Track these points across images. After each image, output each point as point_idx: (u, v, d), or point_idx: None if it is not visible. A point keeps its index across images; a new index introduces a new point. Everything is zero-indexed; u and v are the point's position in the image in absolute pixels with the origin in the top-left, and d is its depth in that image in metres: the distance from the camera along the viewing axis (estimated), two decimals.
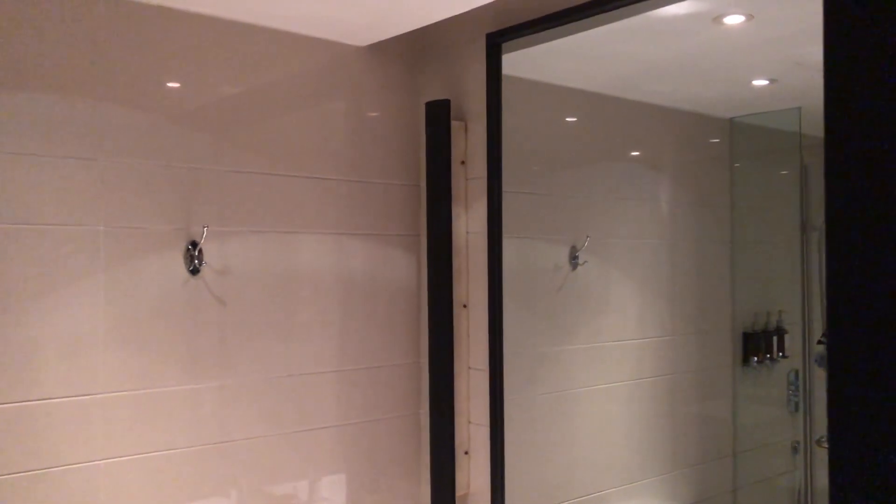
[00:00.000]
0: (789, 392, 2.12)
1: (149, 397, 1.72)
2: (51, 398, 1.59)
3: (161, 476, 1.73)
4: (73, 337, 1.62)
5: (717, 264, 2.25)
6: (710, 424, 2.13)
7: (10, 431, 1.54)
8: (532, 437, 1.99)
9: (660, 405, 2.21)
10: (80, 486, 1.62)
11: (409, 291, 2.17)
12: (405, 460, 2.16)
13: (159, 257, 1.73)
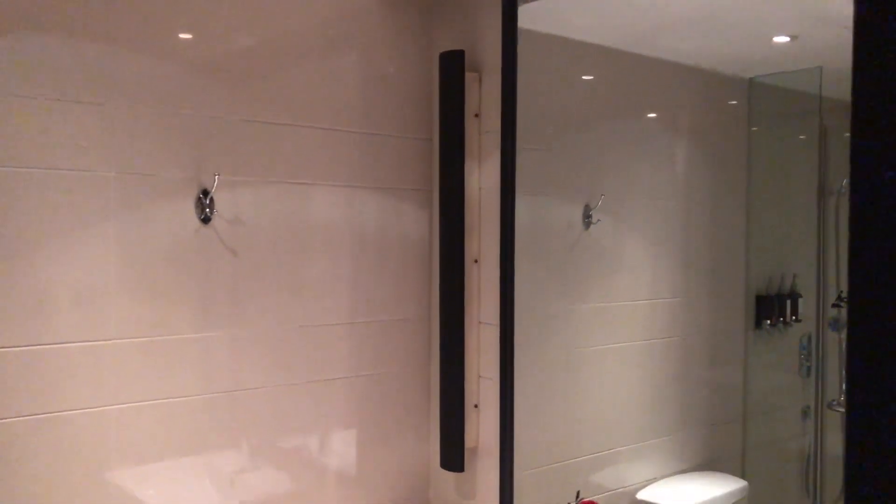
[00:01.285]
0: (801, 357, 2.10)
1: (160, 345, 1.73)
2: (62, 343, 1.60)
3: (172, 423, 1.75)
4: (84, 282, 1.62)
5: (732, 226, 2.22)
6: (720, 387, 2.12)
7: (22, 375, 1.55)
8: (542, 394, 1.99)
9: (671, 366, 2.20)
10: (91, 431, 1.64)
11: (421, 246, 2.17)
12: (415, 413, 2.16)
13: (170, 205, 1.73)
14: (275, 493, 1.92)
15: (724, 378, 2.17)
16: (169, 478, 1.76)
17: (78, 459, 1.63)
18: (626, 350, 2.11)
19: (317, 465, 1.99)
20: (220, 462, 1.83)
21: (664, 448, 2.13)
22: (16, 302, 1.54)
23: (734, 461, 2.19)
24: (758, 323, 2.12)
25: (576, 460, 2.03)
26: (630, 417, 2.10)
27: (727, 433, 2.16)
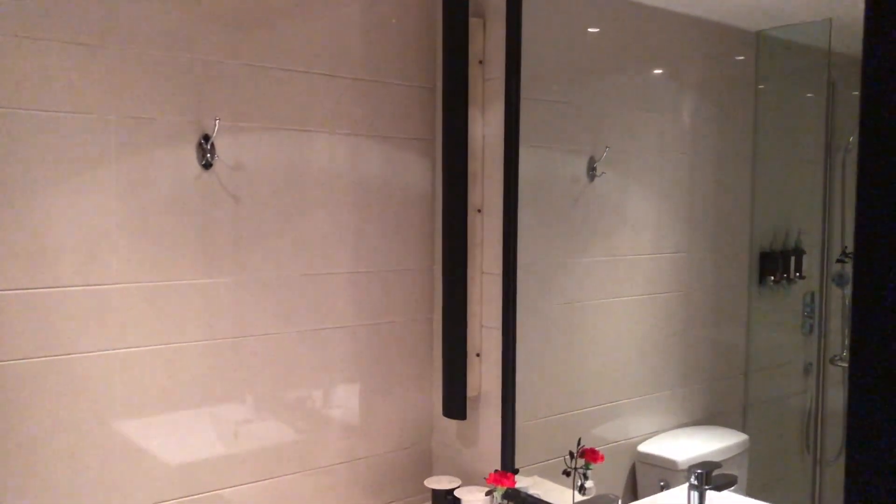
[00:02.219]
0: (804, 314, 2.09)
1: (163, 290, 1.73)
2: (65, 286, 1.60)
3: (176, 368, 1.76)
4: (86, 226, 1.62)
5: (738, 181, 2.20)
6: (722, 342, 2.11)
7: (25, 317, 1.56)
8: (544, 345, 1.99)
9: (673, 321, 2.20)
10: (95, 374, 1.65)
11: (424, 196, 2.16)
12: (417, 362, 2.17)
13: (171, 150, 1.72)
14: (278, 442, 1.94)
15: (726, 334, 2.17)
16: (173, 425, 1.77)
17: (83, 403, 1.64)
18: (628, 304, 2.10)
19: (320, 414, 2.00)
20: (224, 412, 1.84)
21: (665, 402, 2.13)
22: (17, 245, 1.54)
23: (735, 416, 2.20)
24: (761, 279, 2.11)
25: (577, 412, 2.03)
26: (631, 371, 2.10)
27: (729, 388, 2.16)
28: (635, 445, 2.01)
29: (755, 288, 2.14)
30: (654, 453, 2.00)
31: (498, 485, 1.81)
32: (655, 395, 2.12)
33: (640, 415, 2.08)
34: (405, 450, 2.17)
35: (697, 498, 1.66)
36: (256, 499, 1.90)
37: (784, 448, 1.90)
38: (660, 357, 2.03)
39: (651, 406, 2.11)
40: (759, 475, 1.63)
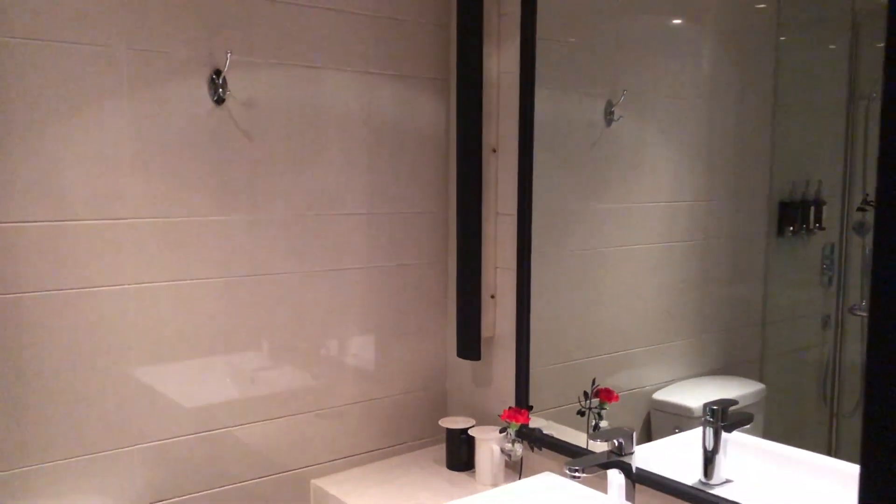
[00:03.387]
0: (823, 266, 2.06)
1: (177, 225, 1.72)
2: (78, 220, 1.60)
3: (190, 304, 1.76)
4: (99, 159, 1.62)
5: (758, 129, 2.15)
6: (739, 293, 2.09)
7: (39, 250, 1.56)
8: (558, 291, 1.97)
9: (690, 270, 2.17)
10: (109, 308, 1.65)
11: (438, 136, 2.14)
12: (432, 304, 2.17)
13: (183, 83, 1.70)
14: (293, 385, 1.94)
15: (743, 284, 2.14)
16: (188, 366, 1.78)
17: (98, 338, 1.65)
18: (644, 252, 2.08)
19: (334, 356, 2.00)
20: (241, 357, 1.85)
21: (681, 351, 2.12)
22: (29, 177, 1.54)
23: (751, 367, 2.18)
24: (780, 230, 2.07)
25: (590, 359, 2.02)
26: (647, 320, 2.08)
27: (745, 339, 2.14)
28: (650, 394, 2.00)
29: (773, 238, 2.11)
30: (669, 400, 1.99)
31: (512, 421, 1.81)
32: (671, 343, 2.10)
33: (655, 363, 2.07)
34: (420, 391, 2.17)
35: (712, 435, 1.65)
36: (270, 438, 1.91)
37: (801, 400, 1.88)
38: (675, 306, 2.01)
39: (666, 355, 2.09)
40: (776, 426, 1.62)
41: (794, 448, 1.58)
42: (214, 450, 1.82)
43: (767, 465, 1.53)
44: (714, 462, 1.62)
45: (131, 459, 1.70)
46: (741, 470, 1.57)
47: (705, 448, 1.64)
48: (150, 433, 1.73)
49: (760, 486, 1.50)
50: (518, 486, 1.74)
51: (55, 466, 1.62)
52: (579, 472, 1.45)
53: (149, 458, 1.73)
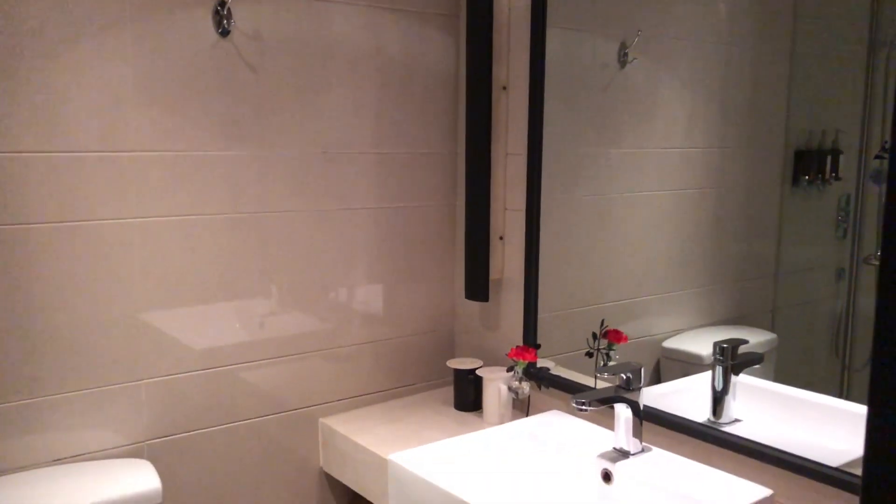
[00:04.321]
0: (839, 217, 2.02)
1: (182, 160, 1.71)
2: (82, 151, 1.59)
3: (195, 241, 1.75)
4: (102, 91, 1.60)
5: (774, 77, 2.10)
6: (753, 243, 2.05)
7: (42, 181, 1.55)
8: (568, 233, 1.95)
9: (702, 218, 2.14)
10: (113, 242, 1.65)
11: (447, 74, 2.10)
12: (440, 247, 2.15)
13: (188, 15, 1.67)
14: (300, 327, 1.94)
15: (757, 234, 2.11)
16: (193, 299, 1.77)
17: (102, 272, 1.65)
18: (656, 199, 2.05)
19: (341, 298, 1.99)
20: (247, 296, 1.84)
21: (692, 301, 2.10)
22: (34, 108, 1.53)
23: (763, 318, 2.16)
24: (795, 179, 2.04)
25: (599, 306, 2.01)
26: (658, 267, 2.06)
27: (757, 290, 2.11)
28: (659, 342, 1.98)
29: (788, 188, 2.07)
30: (679, 348, 1.97)
31: (519, 359, 1.80)
32: (681, 292, 2.08)
33: (666, 312, 2.05)
34: (428, 334, 2.17)
35: (722, 374, 1.63)
36: (278, 378, 1.91)
37: (812, 352, 1.86)
38: (687, 255, 1.98)
39: (677, 303, 2.07)
40: (786, 376, 1.60)
41: (804, 391, 1.56)
42: (222, 387, 1.82)
43: (777, 407, 1.52)
44: (723, 402, 1.61)
45: (139, 394, 1.71)
46: (750, 411, 1.56)
47: (714, 388, 1.63)
48: (158, 369, 1.73)
49: (769, 427, 1.49)
50: (525, 422, 1.73)
51: (66, 398, 1.63)
52: (586, 406, 1.45)
53: (156, 393, 1.73)
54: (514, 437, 1.68)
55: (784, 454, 1.43)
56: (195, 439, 1.79)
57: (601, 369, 1.54)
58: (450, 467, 1.57)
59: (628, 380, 1.51)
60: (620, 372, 1.51)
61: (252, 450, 1.89)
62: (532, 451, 1.67)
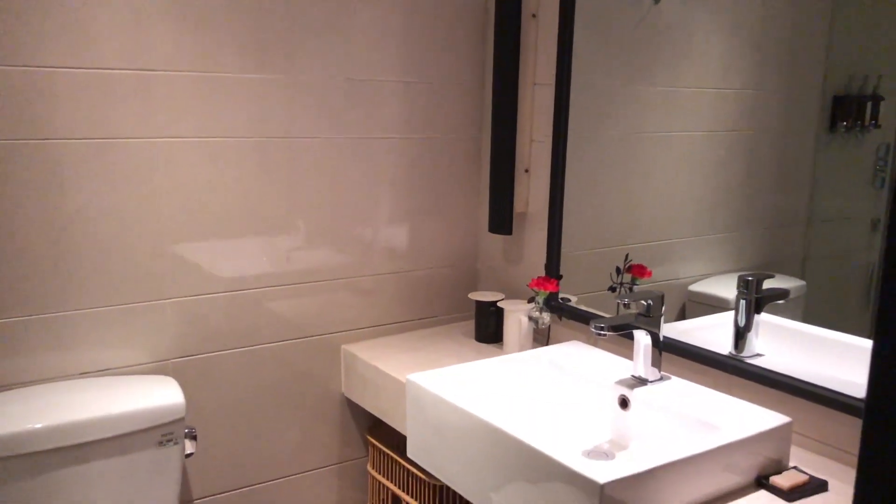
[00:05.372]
0: (877, 166, 1.96)
1: (210, 81, 1.71)
2: (109, 69, 1.59)
3: (221, 162, 1.76)
4: (131, 8, 1.59)
5: (814, 17, 2.04)
6: (785, 189, 2.01)
7: (70, 97, 1.56)
8: (596, 173, 1.92)
9: (734, 162, 2.10)
10: (139, 160, 1.66)
11: (476, 1, 2.07)
12: (465, 180, 2.14)
13: None
14: (325, 260, 1.95)
15: (790, 180, 2.07)
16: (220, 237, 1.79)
17: (127, 190, 1.66)
18: (688, 140, 2.01)
19: (365, 230, 2.00)
20: (275, 238, 1.85)
21: (720, 245, 2.07)
22: (61, 23, 1.53)
23: (793, 266, 2.12)
24: (832, 125, 1.98)
25: (625, 247, 1.99)
26: (687, 210, 2.03)
27: (789, 237, 2.07)
28: (686, 286, 1.96)
29: (824, 134, 2.02)
30: (706, 291, 1.95)
31: (540, 289, 1.79)
32: (710, 237, 2.05)
33: (693, 256, 2.02)
34: (451, 267, 2.17)
35: (745, 308, 1.61)
36: (302, 306, 1.93)
37: (843, 301, 1.82)
38: (717, 199, 1.95)
39: (704, 248, 2.04)
40: (814, 321, 1.57)
41: (831, 331, 1.53)
42: (246, 311, 1.85)
43: (802, 344, 1.50)
44: (746, 337, 1.60)
45: (164, 313, 1.74)
46: (774, 348, 1.54)
47: (737, 323, 1.61)
48: (183, 289, 1.76)
49: (792, 362, 1.47)
50: (544, 350, 1.74)
51: (93, 314, 1.66)
52: (605, 331, 1.44)
53: (181, 312, 1.76)
54: (532, 363, 1.69)
55: (805, 384, 1.42)
56: (219, 359, 1.83)
57: (622, 296, 1.53)
58: (467, 388, 1.59)
59: (649, 307, 1.50)
60: (641, 299, 1.49)
61: (274, 373, 1.91)
62: (550, 377, 1.68)
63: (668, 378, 1.54)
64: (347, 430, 2.06)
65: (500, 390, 1.63)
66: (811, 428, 1.41)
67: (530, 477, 1.25)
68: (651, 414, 1.47)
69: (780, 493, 1.25)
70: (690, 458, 1.20)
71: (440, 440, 1.48)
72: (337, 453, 2.05)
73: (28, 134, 1.53)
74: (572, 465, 1.15)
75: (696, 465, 1.21)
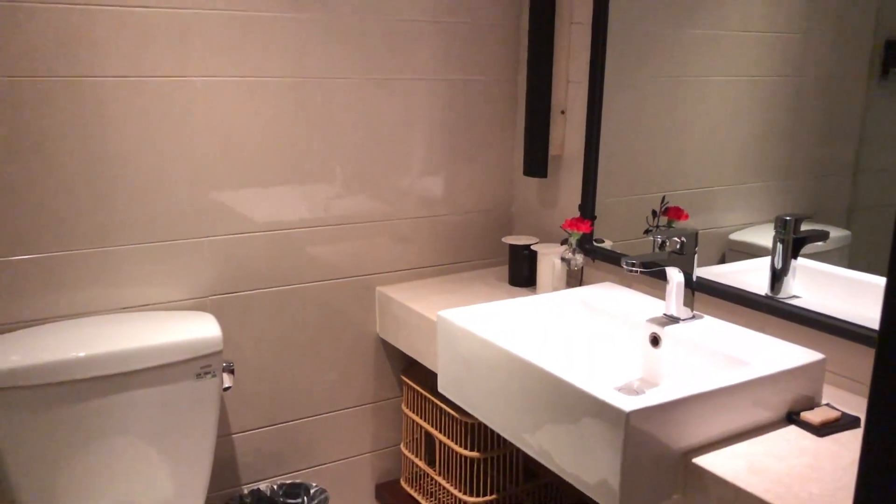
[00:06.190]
0: None
1: (246, 20, 1.72)
2: (146, 7, 1.61)
3: (258, 102, 1.77)
4: None
5: None
6: (833, 136, 1.95)
7: (107, 35, 1.59)
8: (634, 116, 1.89)
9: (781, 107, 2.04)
10: (176, 99, 1.68)
11: None
12: (500, 123, 2.13)
13: None
14: (362, 204, 1.96)
15: (837, 128, 2.01)
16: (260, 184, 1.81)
17: (166, 128, 1.69)
18: (731, 84, 1.96)
19: (400, 173, 2.00)
20: (313, 187, 1.86)
21: (763, 194, 2.02)
22: None
23: (838, 216, 2.07)
24: (884, 72, 1.91)
25: (663, 195, 1.96)
26: (729, 157, 1.99)
27: (834, 187, 2.02)
28: (725, 235, 1.93)
29: (875, 81, 1.95)
30: (747, 241, 1.92)
31: (574, 230, 1.78)
32: (752, 185, 2.01)
33: (734, 205, 1.98)
34: (485, 212, 2.17)
35: (782, 251, 1.58)
36: (338, 248, 1.95)
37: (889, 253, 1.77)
38: (760, 145, 1.90)
39: (746, 196, 2.00)
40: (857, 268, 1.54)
41: (872, 275, 1.50)
42: (283, 251, 1.87)
43: (841, 288, 1.46)
44: (782, 280, 1.57)
45: (202, 250, 1.77)
46: (811, 291, 1.51)
47: (774, 264, 1.59)
48: (220, 229, 1.79)
49: (829, 304, 1.44)
50: (577, 290, 1.73)
51: (132, 250, 1.70)
52: (636, 267, 1.43)
53: (218, 250, 1.79)
54: (564, 302, 1.69)
55: (841, 321, 1.39)
56: (256, 298, 1.86)
57: (655, 232, 1.51)
58: (498, 324, 1.59)
59: (682, 244, 1.48)
60: (675, 236, 1.48)
61: (310, 313, 1.95)
62: (581, 315, 1.68)
63: (701, 317, 1.53)
64: (382, 370, 2.09)
65: (531, 328, 1.64)
66: (847, 367, 1.39)
67: (557, 408, 1.25)
68: (682, 352, 1.46)
69: (811, 428, 1.24)
70: (718, 391, 1.19)
71: (469, 374, 1.49)
72: (372, 393, 2.09)
73: (67, 72, 1.55)
74: (598, 394, 1.16)
75: (724, 399, 1.20)
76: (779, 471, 1.11)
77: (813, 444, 1.20)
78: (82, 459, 1.53)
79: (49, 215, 1.60)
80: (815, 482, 1.08)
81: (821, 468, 1.12)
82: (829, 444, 1.20)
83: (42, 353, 1.47)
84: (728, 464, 1.13)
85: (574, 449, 1.22)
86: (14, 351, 1.47)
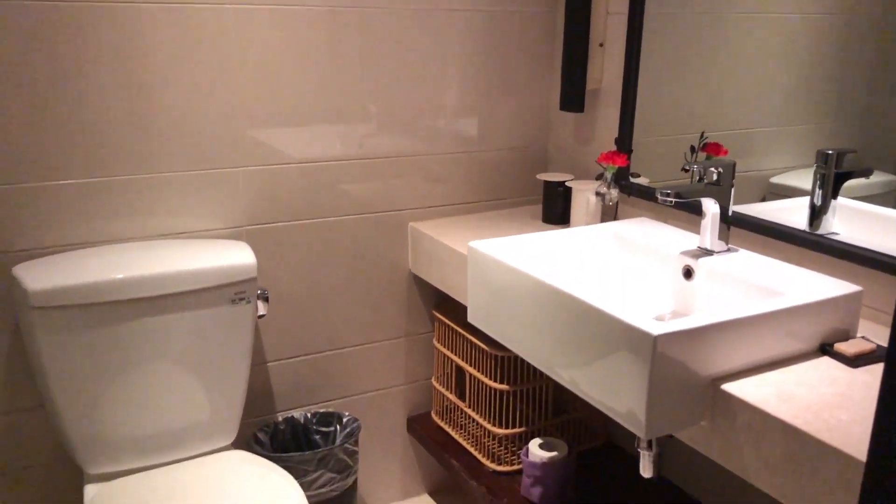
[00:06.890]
0: None
1: None
2: None
3: (290, 32, 1.76)
4: None
5: None
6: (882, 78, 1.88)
7: None
8: (676, 52, 1.84)
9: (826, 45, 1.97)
10: (211, 28, 1.68)
11: None
12: (537, 56, 2.09)
13: None
14: (396, 141, 1.96)
15: (888, 69, 1.94)
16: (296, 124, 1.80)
17: (200, 56, 1.69)
18: (778, 22, 1.90)
19: (434, 108, 1.98)
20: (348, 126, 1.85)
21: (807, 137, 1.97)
22: None
23: (886, 162, 2.01)
24: None
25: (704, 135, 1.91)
26: (772, 98, 1.93)
27: (884, 129, 1.95)
28: (766, 178, 1.88)
29: None
30: (789, 184, 1.87)
31: (609, 163, 1.76)
32: (796, 127, 1.95)
33: (777, 148, 1.93)
34: (520, 149, 2.14)
35: (822, 186, 1.54)
36: (371, 184, 1.96)
37: None
38: (807, 85, 1.84)
39: (790, 139, 1.95)
40: None
41: None
42: (316, 185, 1.88)
43: (883, 226, 1.42)
44: (821, 217, 1.53)
45: (237, 180, 1.79)
46: (852, 228, 1.47)
47: (813, 201, 1.55)
48: (256, 159, 1.80)
49: (869, 240, 1.40)
50: (611, 224, 1.72)
51: (168, 178, 1.72)
52: (671, 198, 1.40)
53: (254, 180, 1.81)
54: (597, 235, 1.67)
55: (879, 254, 1.36)
56: (290, 229, 1.88)
57: (691, 163, 1.48)
58: (529, 256, 1.59)
59: (719, 175, 1.45)
60: (712, 166, 1.45)
61: (344, 246, 1.96)
62: (614, 249, 1.66)
63: (736, 250, 1.51)
64: (414, 305, 2.11)
65: (562, 260, 1.63)
66: (886, 301, 1.37)
67: (585, 335, 1.25)
68: (715, 284, 1.44)
69: (844, 359, 1.22)
70: (749, 319, 1.18)
71: (498, 304, 1.50)
72: (404, 327, 2.11)
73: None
74: (627, 318, 1.15)
75: (754, 327, 1.19)
76: (808, 399, 1.10)
77: (845, 375, 1.18)
78: (122, 381, 1.57)
79: (87, 142, 1.62)
80: (845, 409, 1.07)
81: (851, 397, 1.11)
82: (861, 374, 1.18)
83: (82, 274, 1.51)
84: (757, 391, 1.13)
85: (602, 375, 1.22)
86: (55, 272, 1.51)
